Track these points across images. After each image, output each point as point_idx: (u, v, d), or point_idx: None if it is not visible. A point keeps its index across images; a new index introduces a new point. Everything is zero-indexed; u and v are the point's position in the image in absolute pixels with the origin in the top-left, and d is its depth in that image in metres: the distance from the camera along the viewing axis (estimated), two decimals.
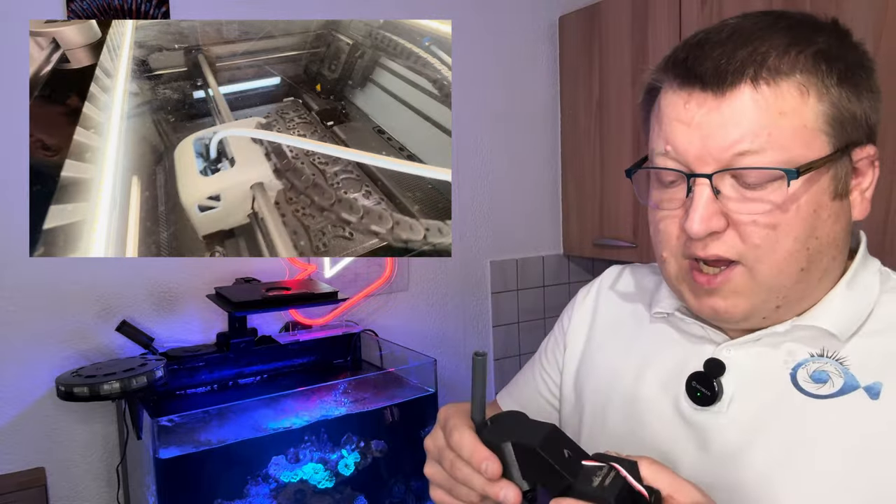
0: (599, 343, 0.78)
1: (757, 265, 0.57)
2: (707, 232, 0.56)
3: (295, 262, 1.78)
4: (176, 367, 1.49)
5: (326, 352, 1.72)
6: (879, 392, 0.56)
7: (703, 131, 0.56)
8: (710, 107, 0.56)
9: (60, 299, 1.51)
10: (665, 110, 0.59)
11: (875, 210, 1.33)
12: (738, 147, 0.55)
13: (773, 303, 0.59)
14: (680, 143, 0.57)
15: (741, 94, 0.55)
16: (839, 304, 0.60)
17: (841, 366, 0.58)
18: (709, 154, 0.56)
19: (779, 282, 0.57)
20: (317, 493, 1.44)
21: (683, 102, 0.57)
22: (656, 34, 1.82)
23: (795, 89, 0.54)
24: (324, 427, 1.44)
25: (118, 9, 1.53)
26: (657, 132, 0.61)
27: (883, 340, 0.58)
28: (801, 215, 0.56)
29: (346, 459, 1.48)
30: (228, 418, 1.36)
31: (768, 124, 0.54)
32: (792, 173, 0.54)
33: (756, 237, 0.56)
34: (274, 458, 1.39)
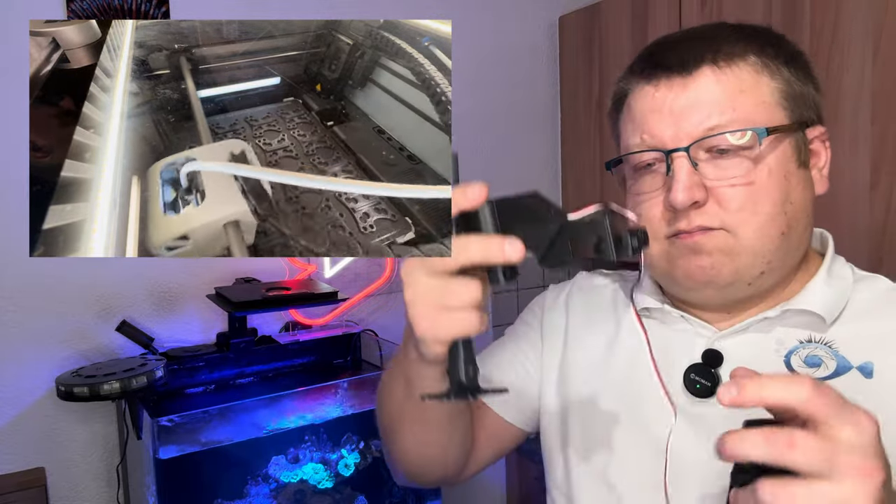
0: (578, 340, 0.78)
1: (739, 229, 0.60)
2: (691, 201, 0.59)
3: (295, 262, 1.78)
4: (176, 367, 1.49)
5: (326, 352, 1.72)
6: (872, 371, 0.59)
7: (675, 115, 0.61)
8: (677, 91, 0.61)
9: (60, 299, 1.52)
10: (636, 106, 0.65)
11: (875, 210, 1.33)
12: (708, 122, 0.60)
13: (758, 268, 0.61)
14: (655, 129, 0.62)
15: (704, 75, 0.61)
16: (822, 289, 0.64)
17: (830, 349, 0.62)
18: (682, 133, 0.61)
19: (762, 245, 0.60)
20: (317, 493, 1.44)
21: (653, 92, 0.63)
22: (656, 34, 1.80)
23: (751, 68, 0.61)
24: (324, 427, 1.45)
25: (118, 9, 1.53)
26: (630, 130, 0.65)
27: (864, 325, 0.62)
28: (775, 179, 0.60)
29: (346, 459, 1.48)
30: (228, 418, 1.36)
31: (731, 101, 0.60)
32: (761, 131, 0.59)
33: (735, 202, 0.60)
34: (274, 458, 1.39)
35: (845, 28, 1.39)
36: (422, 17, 0.93)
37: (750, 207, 0.60)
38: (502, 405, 0.79)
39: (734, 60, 0.61)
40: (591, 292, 0.81)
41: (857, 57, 1.37)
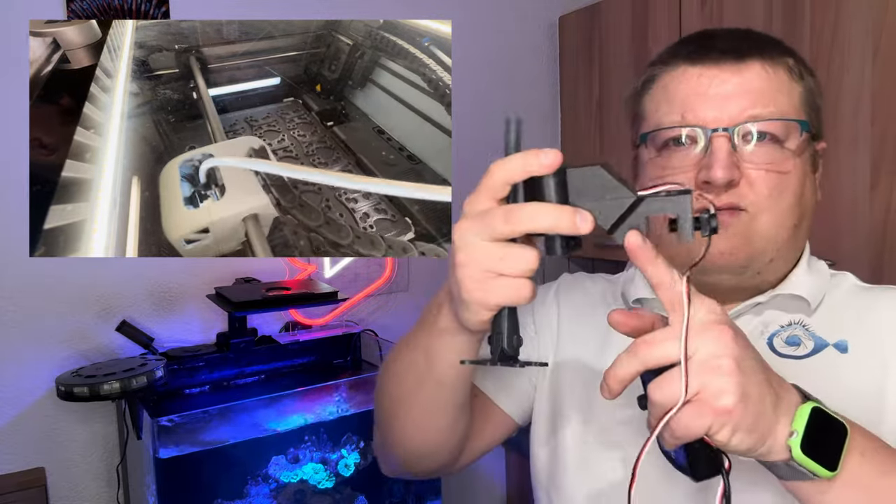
0: (570, 335, 0.79)
1: (762, 214, 0.63)
2: (729, 178, 0.61)
3: (295, 262, 1.78)
4: (176, 367, 1.49)
5: (326, 352, 1.72)
6: (847, 347, 0.65)
7: (720, 98, 0.63)
8: (723, 79, 0.64)
9: (60, 299, 1.52)
10: (675, 87, 0.66)
11: (875, 210, 1.33)
12: (751, 111, 0.63)
13: (769, 255, 0.65)
14: (699, 109, 0.64)
15: (753, 67, 0.64)
16: (805, 278, 0.69)
17: (807, 331, 0.67)
18: (725, 116, 0.63)
19: (777, 234, 0.64)
20: (317, 493, 1.44)
21: (697, 76, 0.65)
22: (656, 34, 1.82)
23: (788, 73, 0.65)
24: (324, 427, 1.45)
25: (118, 9, 1.53)
26: (666, 109, 0.67)
27: (838, 312, 0.68)
28: (799, 174, 0.64)
29: (346, 459, 1.48)
30: (228, 418, 1.36)
31: (773, 96, 0.63)
32: (805, 124, 0.64)
33: (766, 186, 0.63)
34: (274, 458, 1.39)
35: (845, 28, 1.39)
36: (422, 18, 0.93)
37: (776, 194, 0.63)
38: (501, 395, 0.80)
39: (777, 61, 0.65)
40: (580, 290, 0.82)
41: (857, 57, 1.37)
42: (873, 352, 0.64)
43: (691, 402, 0.44)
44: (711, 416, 0.44)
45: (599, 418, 0.72)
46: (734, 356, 0.45)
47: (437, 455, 0.73)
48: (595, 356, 0.75)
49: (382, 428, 0.74)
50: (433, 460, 0.74)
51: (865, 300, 0.69)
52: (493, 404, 0.79)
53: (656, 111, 0.68)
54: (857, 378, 0.62)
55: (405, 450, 0.72)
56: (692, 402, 0.44)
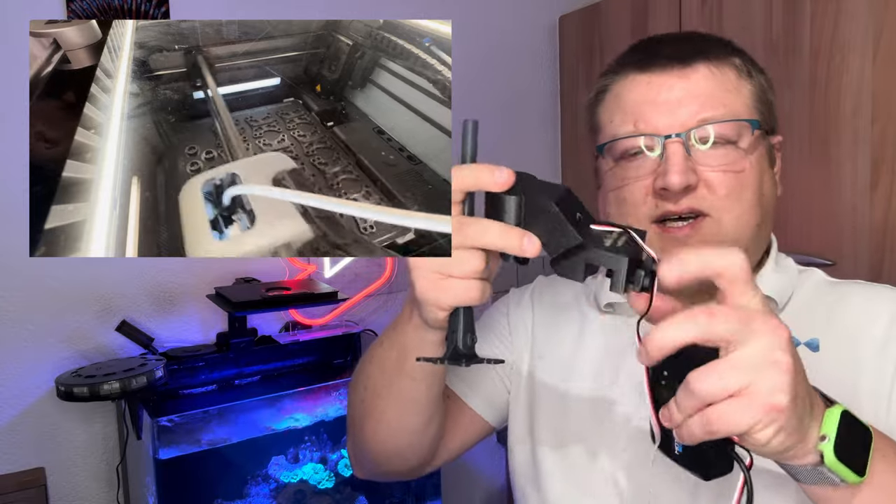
0: (545, 337, 0.80)
1: (724, 215, 0.63)
2: (686, 183, 0.62)
3: (295, 262, 1.78)
4: (176, 367, 1.49)
5: (326, 352, 1.72)
6: (818, 346, 0.63)
7: (670, 104, 0.64)
8: (671, 84, 0.65)
9: (60, 299, 1.52)
10: (627, 96, 0.67)
11: (875, 210, 1.33)
12: (702, 114, 0.63)
13: None
14: (650, 117, 0.65)
15: (698, 70, 0.65)
16: (773, 276, 0.69)
17: None
18: (677, 123, 0.64)
19: (742, 234, 0.64)
20: (317, 493, 1.44)
21: (646, 83, 0.66)
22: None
23: (735, 71, 0.66)
24: (324, 427, 1.45)
25: (118, 9, 1.53)
26: (619, 119, 0.67)
27: (807, 309, 0.68)
28: (755, 171, 0.65)
29: (346, 459, 1.48)
30: (228, 418, 1.36)
31: (722, 97, 0.64)
32: (755, 123, 0.65)
33: (724, 187, 0.63)
34: (274, 458, 1.39)
35: (845, 28, 1.39)
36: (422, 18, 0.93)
37: (736, 194, 0.63)
38: (471, 394, 0.80)
39: (723, 61, 0.66)
40: (554, 293, 0.83)
41: (857, 57, 1.37)
42: (845, 350, 0.64)
43: (740, 395, 0.41)
44: (762, 411, 0.41)
45: (575, 419, 0.73)
46: (791, 352, 0.42)
47: (408, 455, 0.73)
48: (569, 357, 0.76)
49: (355, 427, 0.74)
50: (405, 460, 0.73)
51: (834, 296, 0.69)
52: (465, 404, 0.80)
53: (610, 121, 0.69)
54: (829, 377, 0.61)
55: (377, 449, 0.72)
56: (741, 395, 0.41)
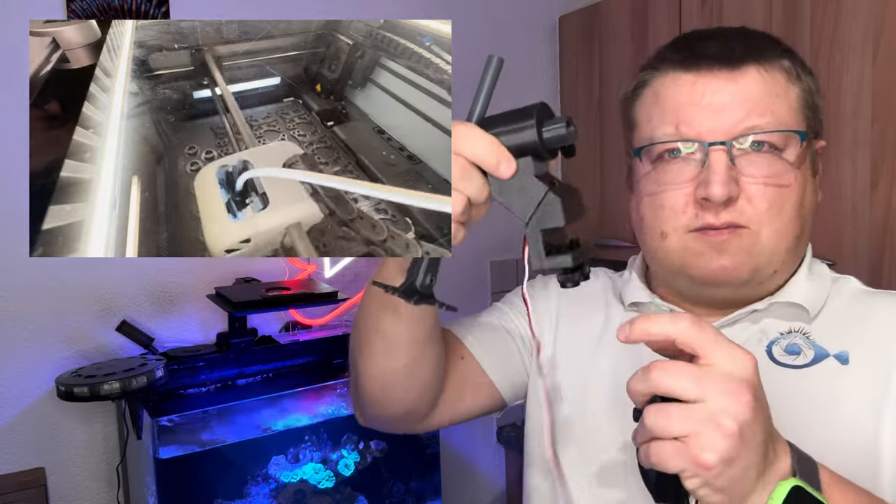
0: (568, 328, 0.79)
1: (763, 228, 0.61)
2: (728, 195, 0.59)
3: (295, 262, 1.78)
4: (176, 367, 1.49)
5: (326, 352, 1.72)
6: (848, 358, 0.62)
7: (714, 109, 0.61)
8: (718, 86, 0.61)
9: (60, 299, 1.51)
10: (668, 95, 0.63)
11: (875, 210, 1.33)
12: (748, 122, 0.60)
13: (773, 266, 0.63)
14: (693, 120, 0.61)
15: (748, 73, 0.61)
16: (805, 285, 0.67)
17: (808, 339, 0.65)
18: (721, 129, 0.60)
19: (780, 246, 0.62)
20: (317, 493, 1.44)
21: (691, 83, 0.62)
22: (656, 34, 1.82)
23: (783, 74, 0.62)
24: (324, 427, 1.45)
25: (118, 9, 1.53)
26: (658, 119, 0.64)
27: (839, 319, 0.66)
28: (799, 183, 0.62)
29: (346, 459, 1.48)
30: (228, 418, 1.36)
31: (770, 102, 0.61)
32: (803, 134, 0.61)
33: (765, 201, 0.60)
34: (274, 458, 1.39)
35: (845, 28, 1.39)
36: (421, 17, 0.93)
37: (777, 208, 0.61)
38: (487, 358, 0.79)
39: (774, 63, 0.62)
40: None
41: (857, 57, 1.37)
42: (874, 365, 0.62)
43: (678, 440, 0.43)
44: (690, 462, 0.43)
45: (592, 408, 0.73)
46: (741, 421, 0.43)
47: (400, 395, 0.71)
48: (590, 350, 0.76)
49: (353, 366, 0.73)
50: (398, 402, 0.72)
51: (867, 306, 0.66)
52: (482, 370, 0.79)
53: (648, 121, 0.65)
54: (856, 392, 0.61)
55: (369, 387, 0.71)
56: (679, 440, 0.43)
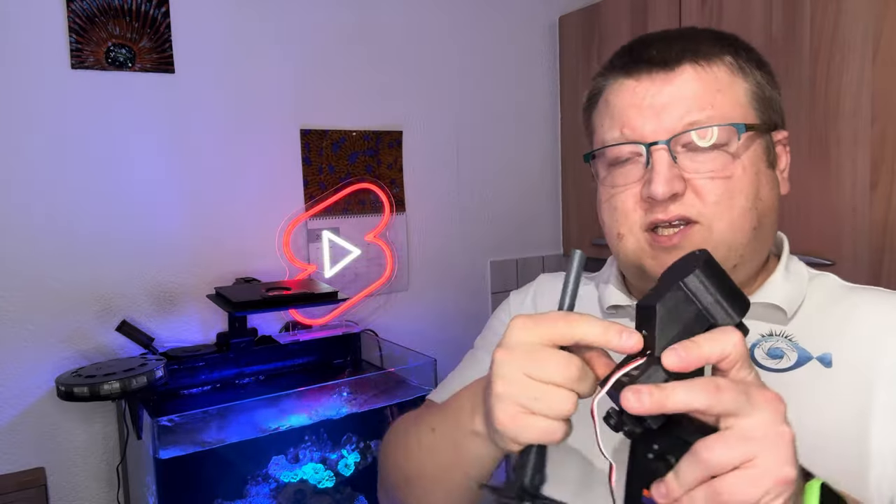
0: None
1: (715, 223, 0.61)
2: (671, 192, 0.60)
3: (295, 261, 1.78)
4: (176, 367, 1.49)
5: (326, 352, 1.72)
6: (831, 361, 0.62)
7: (655, 110, 0.62)
8: (657, 87, 0.63)
9: (60, 299, 1.51)
10: (614, 101, 0.65)
11: (875, 210, 1.33)
12: (688, 118, 0.61)
13: (732, 261, 0.63)
14: (635, 124, 0.63)
15: (685, 72, 0.62)
16: (781, 284, 0.67)
17: (791, 342, 0.65)
18: (662, 128, 0.62)
19: (735, 239, 0.62)
20: (317, 493, 1.44)
21: (633, 88, 0.64)
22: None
23: (726, 69, 0.63)
24: (324, 427, 1.44)
25: (118, 9, 1.53)
26: (608, 124, 0.66)
27: (820, 318, 0.65)
28: (748, 175, 0.62)
29: (346, 459, 1.48)
30: (228, 418, 1.36)
31: (710, 98, 0.62)
32: (741, 127, 0.62)
33: (713, 195, 0.61)
34: (274, 458, 1.39)
35: (845, 28, 1.39)
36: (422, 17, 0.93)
37: (726, 201, 0.61)
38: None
39: (713, 60, 0.63)
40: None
41: (857, 57, 1.37)
42: (858, 368, 0.62)
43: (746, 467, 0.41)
44: (771, 484, 0.40)
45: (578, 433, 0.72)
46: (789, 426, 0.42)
47: None
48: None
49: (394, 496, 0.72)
50: None
51: (848, 303, 0.66)
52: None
53: (601, 126, 0.67)
54: (840, 396, 0.61)
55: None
56: (748, 467, 0.40)
